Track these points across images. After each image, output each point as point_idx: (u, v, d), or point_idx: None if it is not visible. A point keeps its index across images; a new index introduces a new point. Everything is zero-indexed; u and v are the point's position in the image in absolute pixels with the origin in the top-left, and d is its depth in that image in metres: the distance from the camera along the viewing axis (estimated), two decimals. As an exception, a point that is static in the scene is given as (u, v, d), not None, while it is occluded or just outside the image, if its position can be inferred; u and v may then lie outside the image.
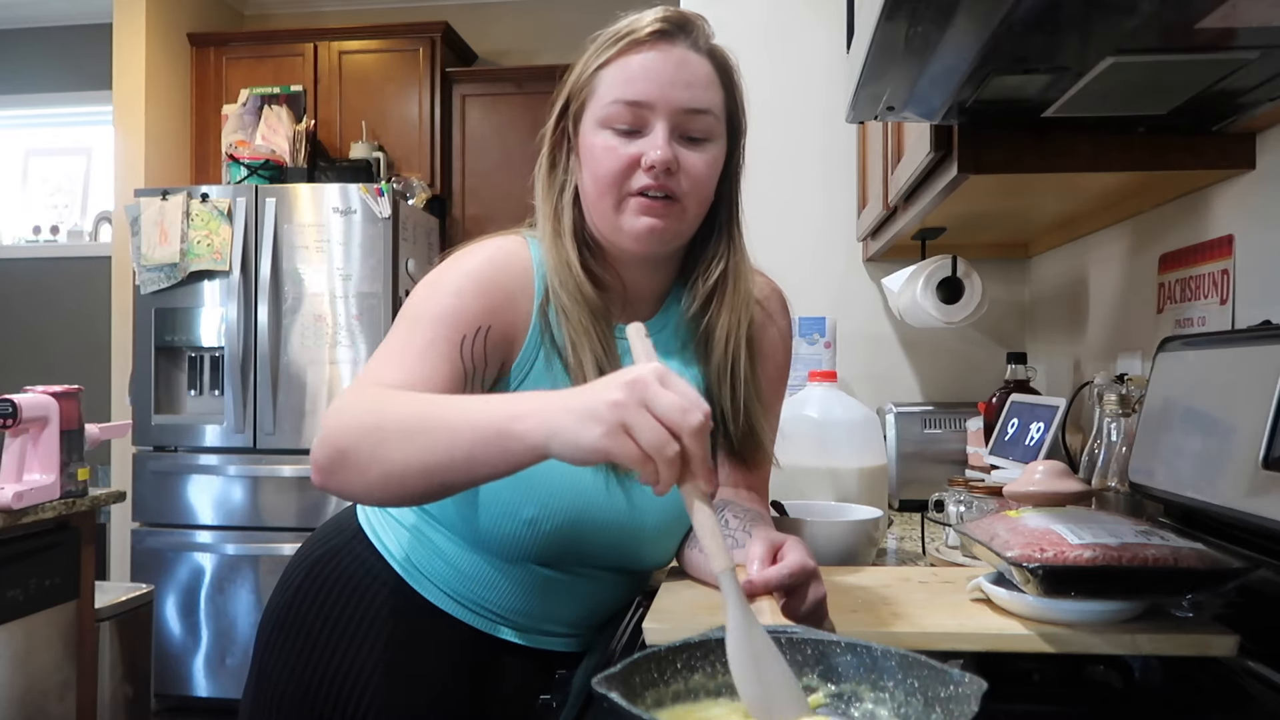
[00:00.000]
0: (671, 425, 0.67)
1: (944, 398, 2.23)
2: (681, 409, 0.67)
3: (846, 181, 2.30)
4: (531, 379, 1.03)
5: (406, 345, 0.97)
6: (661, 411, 0.67)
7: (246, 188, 3.59)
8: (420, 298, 1.01)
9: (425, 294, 1.01)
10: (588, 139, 1.03)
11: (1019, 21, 0.86)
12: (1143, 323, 1.55)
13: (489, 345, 1.00)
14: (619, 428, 0.67)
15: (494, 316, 1.00)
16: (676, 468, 0.67)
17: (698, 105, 1.01)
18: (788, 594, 0.82)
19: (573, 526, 1.02)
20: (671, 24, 1.01)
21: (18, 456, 2.15)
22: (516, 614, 1.07)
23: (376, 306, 3.51)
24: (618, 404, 0.68)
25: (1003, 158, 1.26)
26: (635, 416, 0.67)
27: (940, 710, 0.58)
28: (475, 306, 0.99)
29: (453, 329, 0.97)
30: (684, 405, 0.67)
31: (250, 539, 3.52)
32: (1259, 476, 0.90)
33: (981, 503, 1.38)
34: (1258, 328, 1.09)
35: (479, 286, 1.01)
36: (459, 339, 0.97)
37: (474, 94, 4.18)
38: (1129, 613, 0.84)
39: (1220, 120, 1.18)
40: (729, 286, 1.09)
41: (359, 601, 1.09)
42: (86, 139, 4.69)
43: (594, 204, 1.04)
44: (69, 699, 2.34)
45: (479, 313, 0.99)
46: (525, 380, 1.03)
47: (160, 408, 3.61)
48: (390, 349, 0.97)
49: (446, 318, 0.98)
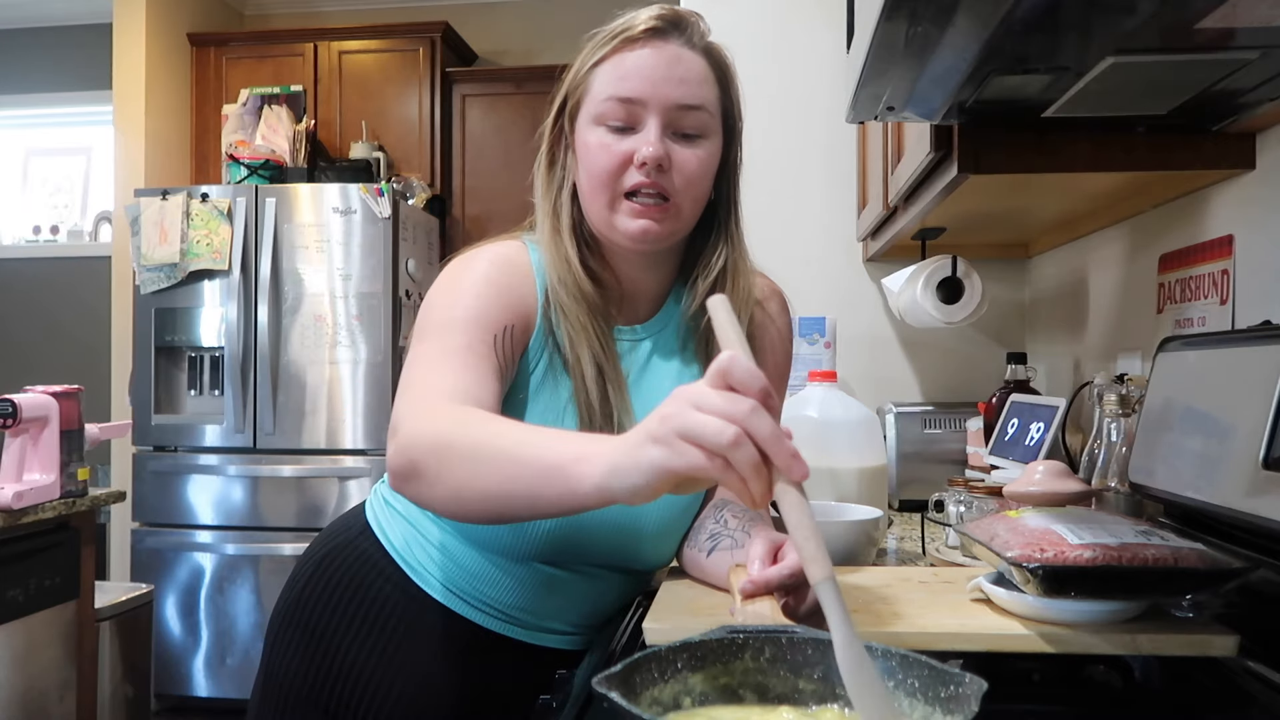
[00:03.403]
0: (726, 415, 0.60)
1: (944, 398, 2.23)
2: (729, 399, 0.60)
3: (846, 181, 2.30)
4: (535, 379, 1.04)
5: (447, 350, 0.96)
6: (710, 406, 0.61)
7: (246, 188, 3.59)
8: (443, 304, 1.01)
9: (446, 300, 1.01)
10: (583, 136, 1.04)
11: (1019, 21, 0.86)
12: (1143, 323, 1.55)
13: (514, 344, 1.01)
14: (674, 437, 0.62)
15: (514, 315, 1.01)
16: (748, 455, 0.60)
17: (690, 101, 1.01)
18: (788, 594, 0.82)
19: (573, 525, 1.02)
20: (666, 21, 1.02)
21: (18, 456, 2.15)
22: (518, 611, 1.08)
23: (376, 306, 3.51)
24: (667, 416, 0.63)
25: (1003, 158, 1.26)
26: (687, 420, 0.61)
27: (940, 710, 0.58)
28: (497, 307, 1.00)
29: (484, 329, 0.98)
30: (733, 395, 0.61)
31: (250, 539, 3.52)
32: (1259, 476, 0.90)
33: (981, 503, 1.38)
34: (1258, 328, 1.09)
35: (495, 288, 1.01)
36: (491, 339, 0.98)
37: (474, 94, 4.18)
38: (1129, 613, 0.84)
39: (1220, 120, 1.18)
40: (729, 284, 1.09)
41: (365, 597, 1.09)
42: (86, 139, 4.69)
43: (589, 200, 1.05)
44: (69, 699, 2.34)
45: (501, 312, 1.00)
46: (530, 380, 1.04)
47: (160, 408, 3.61)
48: (429, 356, 0.96)
49: (476, 320, 0.98)
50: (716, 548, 1.02)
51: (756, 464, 0.60)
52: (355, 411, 3.51)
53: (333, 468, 3.52)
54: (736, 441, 0.59)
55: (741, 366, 0.62)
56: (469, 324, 0.98)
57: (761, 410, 0.60)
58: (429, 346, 0.97)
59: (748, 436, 0.60)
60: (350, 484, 3.50)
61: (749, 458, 0.60)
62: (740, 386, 0.61)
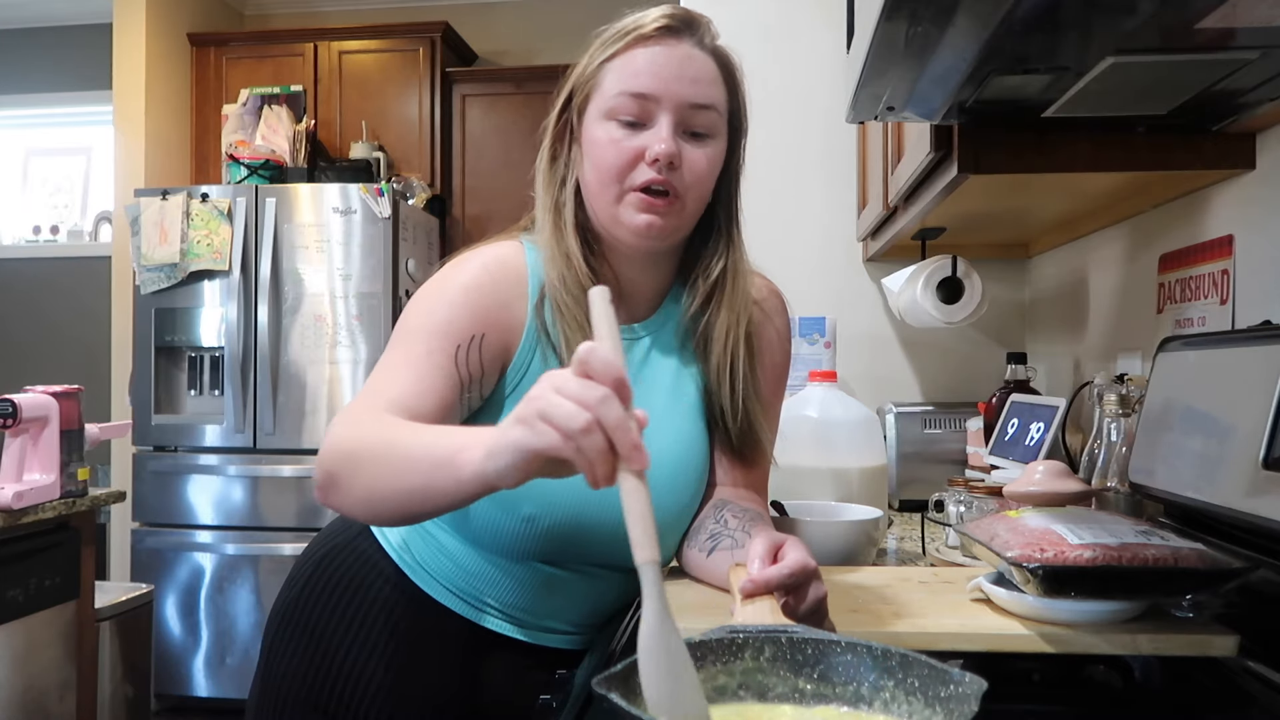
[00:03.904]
0: (579, 401, 0.63)
1: (944, 398, 2.23)
2: (584, 385, 0.63)
3: (846, 181, 2.30)
4: (528, 380, 1.04)
5: (404, 359, 0.99)
6: (568, 391, 0.64)
7: (246, 188, 3.59)
8: (416, 310, 1.04)
9: (421, 307, 1.04)
10: (591, 131, 1.04)
11: (1019, 21, 0.86)
12: (1143, 323, 1.55)
13: (484, 353, 1.02)
14: (535, 418, 0.66)
15: (487, 324, 1.02)
16: (596, 442, 0.63)
17: (702, 101, 1.02)
18: (788, 593, 0.82)
19: (571, 524, 1.02)
20: (678, 20, 1.02)
21: (18, 456, 2.15)
22: (518, 610, 1.08)
23: (376, 306, 3.51)
24: (532, 398, 0.67)
25: (1003, 158, 1.26)
26: (547, 403, 0.65)
27: (940, 710, 0.58)
28: (467, 316, 1.01)
29: (447, 340, 1.00)
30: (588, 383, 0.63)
31: (250, 539, 3.52)
32: (1259, 476, 0.90)
33: (981, 503, 1.38)
34: (1258, 328, 1.09)
35: (470, 297, 1.03)
36: (453, 349, 0.99)
37: (474, 94, 4.18)
38: (1129, 613, 0.84)
39: (1220, 120, 1.18)
40: (729, 285, 1.09)
41: (363, 597, 1.09)
42: (86, 139, 4.69)
43: (595, 196, 1.05)
44: (69, 699, 2.34)
45: (471, 322, 1.01)
46: (522, 381, 1.04)
47: (160, 408, 3.61)
48: (389, 363, 1.00)
49: (440, 330, 1.00)
50: (717, 547, 1.02)
51: (602, 450, 0.63)
52: (355, 411, 3.50)
53: (333, 468, 3.51)
54: (587, 428, 0.63)
55: (598, 356, 0.64)
56: (431, 334, 1.00)
57: (613, 398, 0.63)
58: (393, 354, 1.00)
59: (597, 423, 0.63)
60: (350, 484, 3.49)
61: (596, 444, 0.63)
62: (596, 375, 0.64)
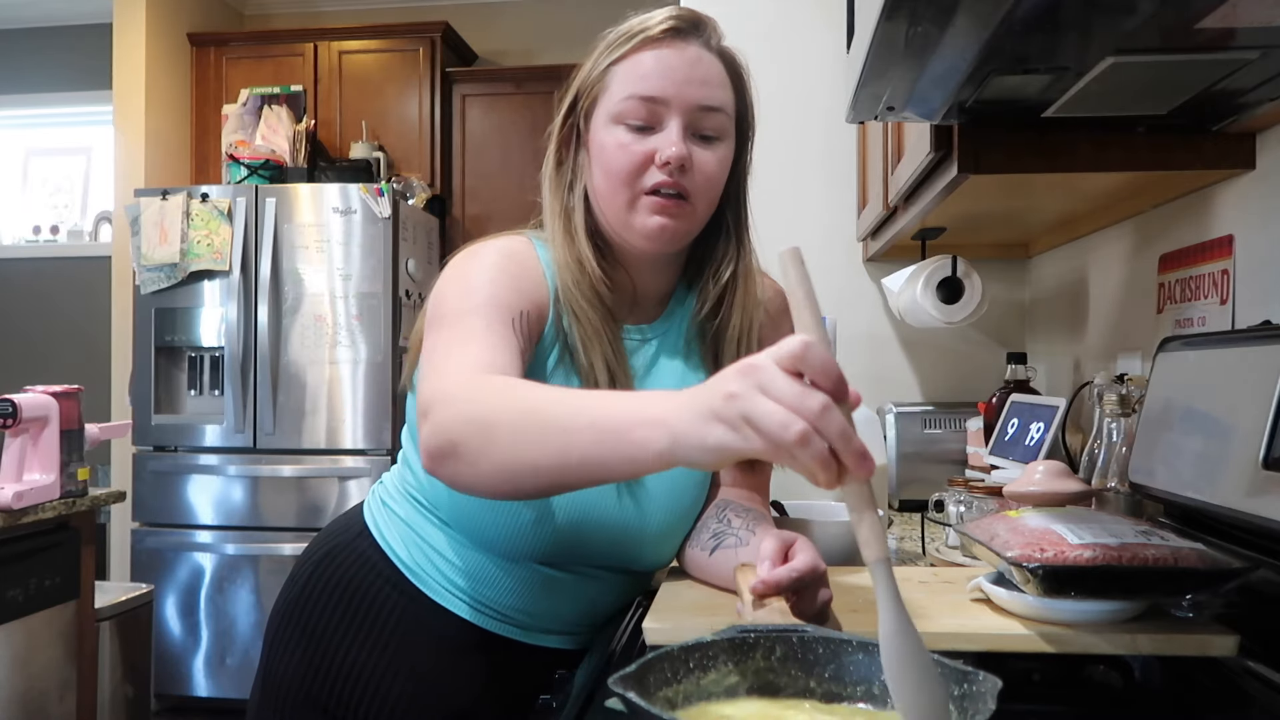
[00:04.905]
0: (795, 409, 0.57)
1: (944, 398, 2.23)
2: (799, 392, 0.57)
3: (846, 181, 2.30)
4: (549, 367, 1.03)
5: (468, 333, 0.93)
6: (779, 395, 0.58)
7: (246, 188, 3.59)
8: (455, 293, 0.99)
9: (458, 289, 0.99)
10: (599, 135, 1.03)
11: (1019, 21, 0.86)
12: (1143, 323, 1.55)
13: (530, 328, 0.99)
14: (740, 420, 0.60)
15: (528, 302, 1.00)
16: (816, 451, 0.57)
17: (711, 103, 1.01)
18: (797, 593, 0.82)
19: (574, 526, 1.02)
20: (685, 22, 1.02)
21: (18, 456, 2.15)
22: (518, 612, 1.08)
23: (376, 306, 3.51)
24: (732, 396, 0.60)
25: (1003, 158, 1.26)
26: (752, 405, 0.59)
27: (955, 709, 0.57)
28: (510, 292, 0.99)
29: (502, 312, 0.96)
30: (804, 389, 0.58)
31: (250, 539, 3.52)
32: (1259, 476, 0.90)
33: (981, 503, 1.38)
34: (1258, 328, 1.09)
35: (506, 275, 1.00)
36: (510, 321, 0.96)
37: (474, 94, 4.18)
38: (1129, 613, 0.84)
39: (1220, 120, 1.18)
40: (740, 288, 1.09)
41: (363, 598, 1.09)
42: (86, 139, 4.69)
43: (605, 201, 1.04)
44: (69, 699, 2.34)
45: (516, 297, 0.99)
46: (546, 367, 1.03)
47: (160, 408, 3.61)
48: (453, 340, 0.93)
49: (492, 304, 0.96)
50: (720, 547, 1.01)
51: (824, 459, 0.57)
52: (355, 411, 3.51)
53: (333, 468, 3.52)
54: (803, 440, 0.57)
55: (817, 355, 0.58)
56: (485, 308, 0.96)
57: (833, 408, 0.57)
58: (448, 333, 0.94)
59: (815, 432, 0.57)
60: (350, 484, 3.50)
61: (815, 453, 0.57)
62: (815, 377, 0.58)
